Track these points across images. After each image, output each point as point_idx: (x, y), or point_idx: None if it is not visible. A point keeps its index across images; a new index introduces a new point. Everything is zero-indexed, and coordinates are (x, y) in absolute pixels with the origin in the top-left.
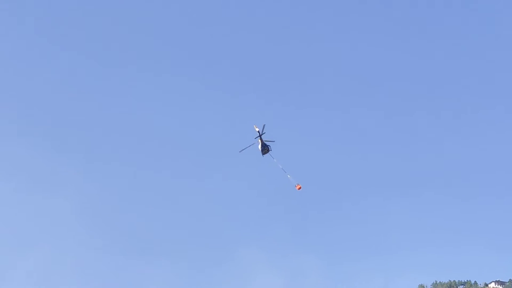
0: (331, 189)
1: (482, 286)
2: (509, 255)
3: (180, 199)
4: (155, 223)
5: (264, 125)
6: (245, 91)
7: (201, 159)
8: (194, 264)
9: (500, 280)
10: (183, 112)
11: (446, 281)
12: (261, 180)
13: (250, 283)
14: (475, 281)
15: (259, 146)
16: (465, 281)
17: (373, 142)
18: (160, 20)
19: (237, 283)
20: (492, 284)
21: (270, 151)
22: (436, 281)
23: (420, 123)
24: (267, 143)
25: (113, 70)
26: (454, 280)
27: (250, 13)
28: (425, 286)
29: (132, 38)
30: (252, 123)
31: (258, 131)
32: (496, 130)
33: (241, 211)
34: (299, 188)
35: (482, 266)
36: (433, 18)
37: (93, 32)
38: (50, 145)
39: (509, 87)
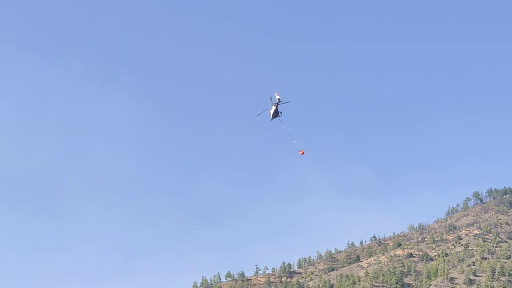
0: (384, 104)
1: None
2: None
3: None
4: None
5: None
6: None
7: None
8: (250, 179)
9: None
10: None
11: (500, 188)
12: None
13: (304, 197)
14: None
15: (271, 111)
16: None
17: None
18: None
19: (292, 196)
20: None
21: (279, 117)
22: (490, 188)
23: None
24: (279, 110)
25: None
26: (509, 187)
27: None
28: (480, 193)
29: None
30: None
31: (278, 99)
32: None
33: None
34: (302, 153)
35: None
36: None
37: None
38: None
39: None
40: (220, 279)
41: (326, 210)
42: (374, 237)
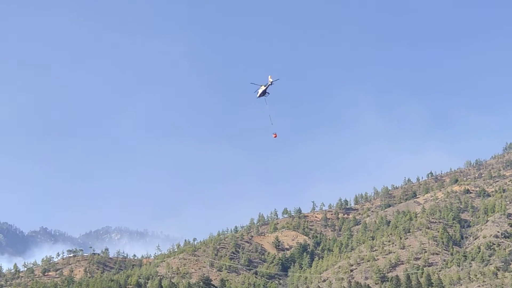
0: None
1: None
2: None
3: None
4: None
5: (277, 79)
6: None
7: None
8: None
9: None
10: None
11: None
12: None
13: (354, 124)
14: None
15: (260, 91)
16: None
17: None
18: None
19: (340, 124)
20: None
21: (265, 97)
22: None
23: None
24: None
25: None
26: None
27: None
28: None
29: None
30: None
31: (271, 82)
32: None
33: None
34: (275, 136)
35: None
36: None
37: None
38: None
39: None
40: (277, 216)
41: (382, 146)
42: (431, 173)
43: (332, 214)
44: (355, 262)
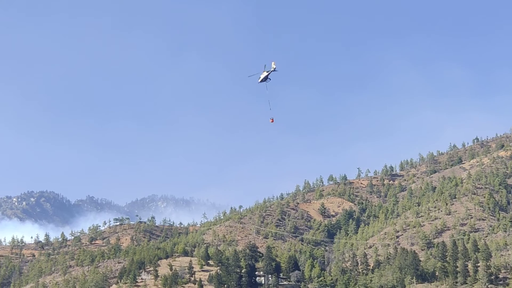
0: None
1: None
2: None
3: None
4: None
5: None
6: None
7: None
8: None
9: None
10: None
11: None
12: None
13: (402, 100)
14: None
15: (262, 76)
16: None
17: None
18: None
19: (390, 99)
20: None
21: (267, 82)
22: None
23: None
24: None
25: None
26: None
27: None
28: None
29: None
30: None
31: (274, 68)
32: None
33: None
34: (272, 121)
35: None
36: None
37: None
38: None
39: None
40: (323, 182)
41: (426, 113)
42: (477, 138)
43: (377, 181)
44: (401, 228)
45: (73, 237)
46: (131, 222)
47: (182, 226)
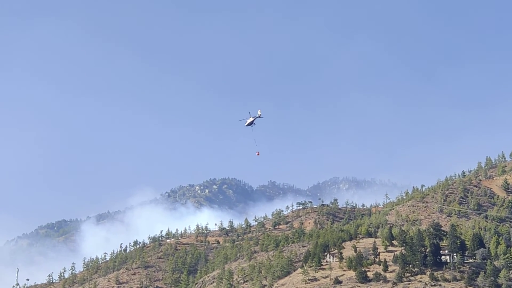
0: None
1: None
2: None
3: None
4: None
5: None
6: None
7: None
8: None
9: None
10: None
11: None
12: None
13: None
14: None
15: (248, 121)
16: None
17: None
18: None
19: None
20: None
21: (252, 126)
22: None
23: None
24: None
25: None
26: None
27: None
28: None
29: None
30: None
31: (259, 115)
32: None
33: None
34: (258, 154)
35: None
36: None
37: None
38: None
39: None
40: (505, 158)
41: None
42: None
43: None
44: None
45: (256, 223)
46: (314, 206)
47: (364, 207)
